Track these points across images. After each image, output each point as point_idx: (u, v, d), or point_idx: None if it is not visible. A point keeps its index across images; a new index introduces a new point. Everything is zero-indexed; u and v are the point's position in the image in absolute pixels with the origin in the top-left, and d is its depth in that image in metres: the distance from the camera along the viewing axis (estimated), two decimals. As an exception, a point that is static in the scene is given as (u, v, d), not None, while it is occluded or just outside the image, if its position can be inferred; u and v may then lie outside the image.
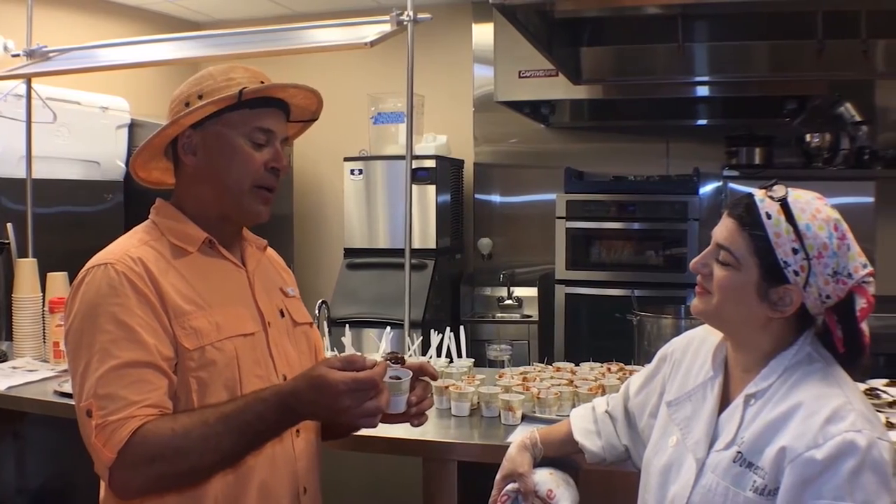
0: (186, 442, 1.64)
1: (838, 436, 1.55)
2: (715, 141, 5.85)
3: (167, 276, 1.81)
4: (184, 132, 1.91)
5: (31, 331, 3.85)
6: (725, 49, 4.62)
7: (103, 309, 1.72)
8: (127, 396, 1.65)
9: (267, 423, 1.68)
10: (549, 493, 2.01)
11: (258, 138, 1.90)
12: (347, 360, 1.69)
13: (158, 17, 6.82)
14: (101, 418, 1.63)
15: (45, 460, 3.79)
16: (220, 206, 1.92)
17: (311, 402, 1.66)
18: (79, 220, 5.27)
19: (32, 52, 4.30)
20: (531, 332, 5.93)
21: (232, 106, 1.87)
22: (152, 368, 1.70)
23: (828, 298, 1.67)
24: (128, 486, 1.67)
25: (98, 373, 1.66)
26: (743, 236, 1.70)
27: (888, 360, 4.35)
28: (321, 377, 1.65)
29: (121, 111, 5.59)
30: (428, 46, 5.26)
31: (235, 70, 1.93)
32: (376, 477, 3.33)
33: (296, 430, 1.93)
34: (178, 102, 1.92)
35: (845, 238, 1.67)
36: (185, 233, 1.91)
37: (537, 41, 4.08)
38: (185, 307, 1.79)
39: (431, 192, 5.84)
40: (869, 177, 5.35)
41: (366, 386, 1.65)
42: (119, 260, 1.78)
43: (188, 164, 1.92)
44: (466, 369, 3.33)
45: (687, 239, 5.51)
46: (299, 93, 2.00)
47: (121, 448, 1.61)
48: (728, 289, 1.72)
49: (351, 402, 1.64)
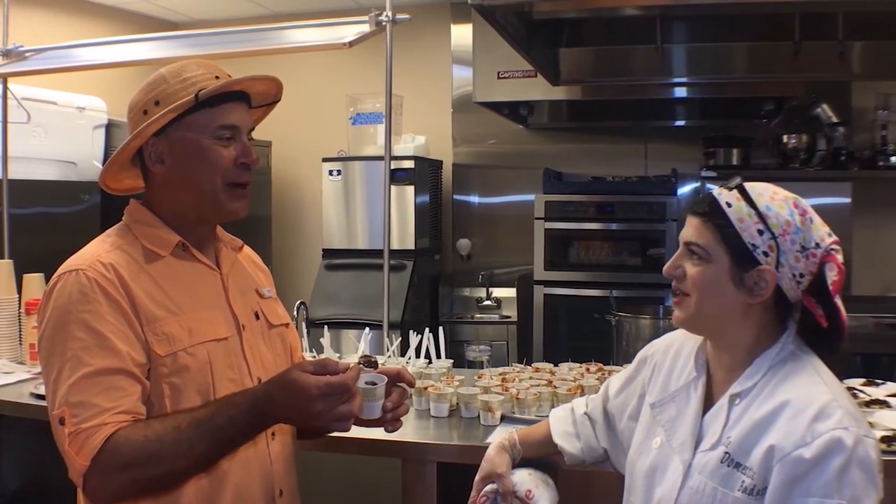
0: (159, 447, 1.63)
1: (826, 433, 1.56)
2: (693, 142, 5.89)
3: (139, 281, 1.79)
4: (147, 142, 1.88)
5: (7, 333, 3.82)
6: (703, 50, 4.64)
7: (74, 316, 1.71)
8: (99, 403, 1.64)
9: (239, 428, 1.68)
10: (528, 494, 2.01)
11: (223, 135, 1.88)
12: (320, 363, 1.69)
13: (136, 16, 6.79)
14: (74, 426, 1.63)
15: (22, 463, 3.75)
16: (197, 209, 1.91)
17: (283, 406, 1.66)
18: (55, 220, 5.22)
19: (9, 51, 4.27)
20: (510, 333, 5.93)
21: (192, 108, 1.84)
22: (124, 375, 1.69)
23: (802, 277, 1.69)
24: (102, 494, 1.66)
25: (70, 380, 1.66)
26: (708, 228, 1.72)
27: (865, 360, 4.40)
28: (293, 381, 1.64)
29: (98, 111, 5.56)
30: (407, 47, 5.25)
31: (188, 68, 1.90)
32: (355, 478, 3.32)
33: (271, 432, 1.92)
34: (136, 112, 1.90)
35: (806, 213, 1.71)
36: (158, 236, 1.89)
37: (516, 42, 4.08)
38: (157, 313, 1.78)
39: (410, 193, 5.84)
40: (845, 178, 5.39)
41: (338, 390, 1.65)
42: (90, 266, 1.77)
43: (157, 172, 1.90)
44: (445, 370, 3.33)
45: (665, 239, 5.53)
46: (257, 80, 1.97)
47: (94, 456, 1.61)
48: (704, 283, 1.73)
49: (324, 406, 1.64)
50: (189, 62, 1.93)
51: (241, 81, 1.92)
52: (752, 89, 5.17)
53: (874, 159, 5.44)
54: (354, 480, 3.32)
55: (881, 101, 5.48)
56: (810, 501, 1.54)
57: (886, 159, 5.38)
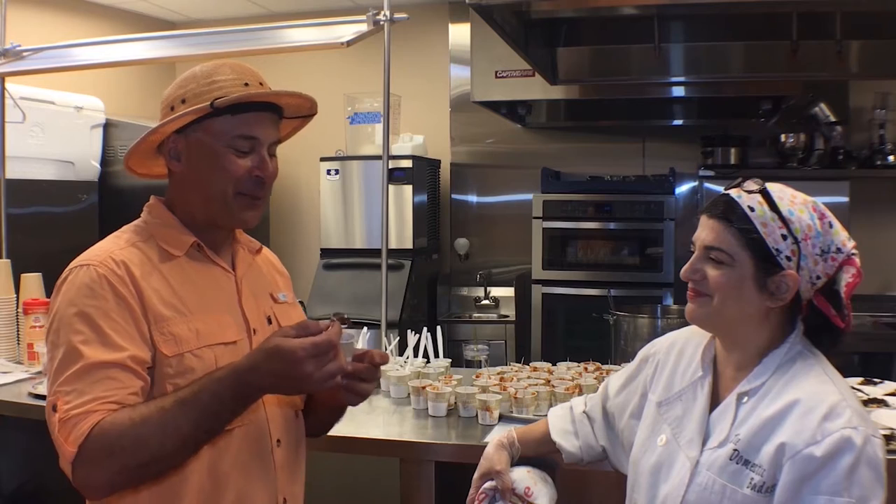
0: (145, 430, 1.60)
1: (836, 432, 1.58)
2: (690, 141, 5.89)
3: (150, 280, 1.78)
4: (168, 137, 1.87)
5: (5, 332, 3.81)
6: (701, 50, 4.64)
7: (80, 310, 1.70)
8: (92, 392, 1.63)
9: (225, 403, 1.65)
10: (527, 491, 2.02)
11: (241, 146, 1.85)
12: (301, 326, 1.67)
13: (134, 16, 6.78)
14: (64, 412, 1.62)
15: (20, 463, 3.75)
16: (207, 212, 1.89)
17: (270, 374, 1.64)
18: (53, 220, 5.23)
19: (6, 51, 4.26)
20: (508, 332, 5.93)
21: (213, 112, 1.82)
22: (121, 369, 1.67)
23: (817, 279, 1.71)
24: (91, 483, 1.64)
25: (68, 371, 1.65)
26: (731, 233, 1.72)
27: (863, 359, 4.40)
28: (278, 347, 1.62)
29: (95, 111, 5.56)
30: (404, 46, 5.25)
31: (220, 71, 1.87)
32: (353, 478, 3.32)
33: (276, 440, 1.90)
34: (164, 106, 1.89)
35: (825, 217, 1.72)
36: (174, 236, 1.87)
37: (514, 41, 4.08)
38: (166, 312, 1.77)
39: (408, 193, 5.83)
40: (843, 177, 5.38)
41: (325, 349, 1.63)
42: (102, 262, 1.76)
43: (174, 170, 1.90)
44: (443, 369, 3.33)
45: (663, 238, 5.53)
46: (283, 95, 1.92)
47: (81, 442, 1.59)
48: (727, 286, 1.73)
49: (313, 367, 1.62)
50: (225, 63, 1.90)
51: (265, 95, 1.88)
52: (750, 88, 5.18)
53: (872, 158, 5.46)
54: (353, 480, 3.32)
55: (879, 100, 5.49)
56: (820, 499, 1.56)
57: (884, 158, 5.40)
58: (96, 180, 5.55)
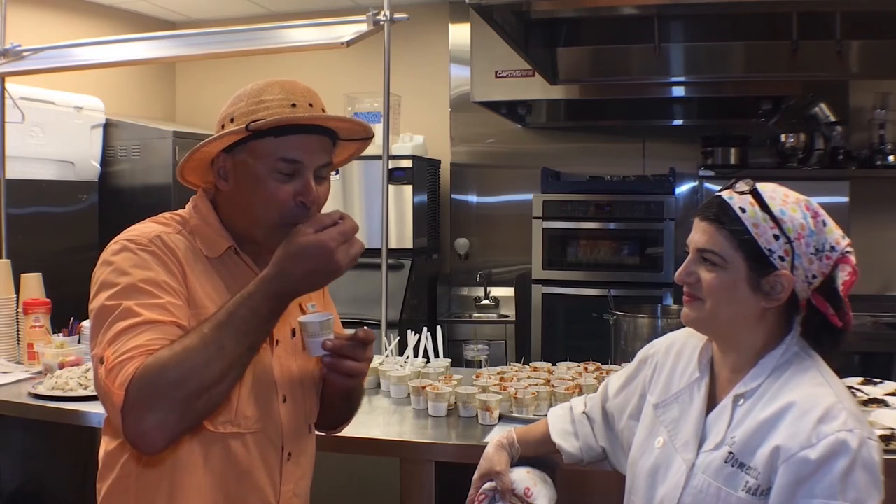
0: (188, 357, 1.56)
1: (831, 435, 1.57)
2: (691, 141, 5.89)
3: (193, 268, 1.78)
4: (217, 156, 1.83)
5: (5, 332, 3.81)
6: (701, 50, 4.64)
7: (129, 278, 1.68)
8: (138, 339, 1.59)
9: (261, 315, 1.63)
10: (527, 491, 2.02)
11: (283, 168, 1.78)
12: (317, 220, 1.70)
13: (134, 16, 6.78)
14: (111, 362, 1.57)
15: (20, 463, 3.75)
16: (251, 234, 1.84)
17: (305, 274, 1.65)
18: (53, 220, 5.22)
19: (6, 51, 4.27)
20: (508, 332, 5.92)
21: (258, 133, 1.76)
22: (170, 325, 1.64)
23: (814, 278, 1.71)
24: (142, 428, 1.55)
25: (116, 327, 1.61)
26: (723, 234, 1.72)
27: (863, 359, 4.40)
28: (308, 245, 1.64)
29: (95, 111, 5.56)
30: (404, 46, 5.25)
31: (269, 90, 1.82)
32: (353, 478, 3.32)
33: (287, 453, 1.89)
34: (218, 124, 1.84)
35: (818, 215, 1.71)
36: (211, 238, 1.85)
37: (514, 41, 4.08)
38: (205, 301, 1.76)
39: (408, 193, 5.83)
40: (843, 177, 5.38)
41: (351, 233, 1.69)
42: (151, 240, 1.75)
43: (221, 188, 1.86)
44: (443, 369, 3.33)
45: (663, 239, 5.54)
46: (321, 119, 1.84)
47: (128, 385, 1.53)
48: (720, 289, 1.73)
49: (342, 255, 1.66)
50: (276, 82, 1.84)
51: (301, 118, 1.79)
52: (750, 88, 5.17)
53: (872, 158, 5.45)
54: (353, 480, 3.32)
55: (879, 100, 5.48)
56: (814, 502, 1.55)
57: (884, 158, 5.40)
58: (96, 180, 5.55)
